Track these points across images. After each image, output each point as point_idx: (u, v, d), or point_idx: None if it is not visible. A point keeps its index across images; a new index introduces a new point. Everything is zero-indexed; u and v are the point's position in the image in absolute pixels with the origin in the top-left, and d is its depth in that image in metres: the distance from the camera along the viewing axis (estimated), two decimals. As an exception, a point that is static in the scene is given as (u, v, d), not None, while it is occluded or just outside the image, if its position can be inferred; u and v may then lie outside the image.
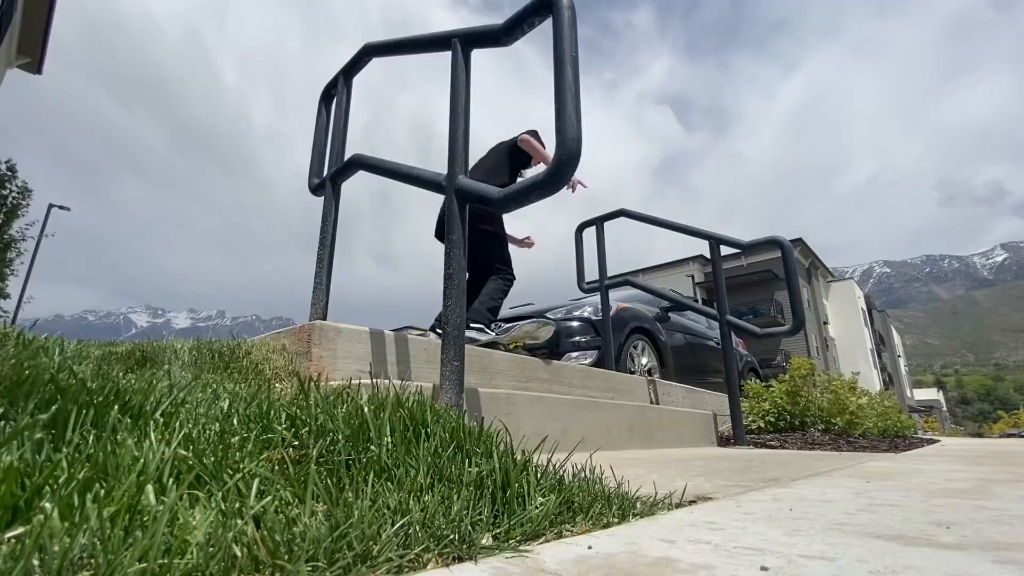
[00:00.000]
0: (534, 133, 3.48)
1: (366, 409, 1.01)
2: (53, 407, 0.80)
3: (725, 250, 4.02)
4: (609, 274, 4.24)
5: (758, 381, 5.23)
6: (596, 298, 4.30)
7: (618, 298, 4.78)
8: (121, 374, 1.24)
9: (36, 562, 0.43)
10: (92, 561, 0.45)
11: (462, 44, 1.89)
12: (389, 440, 0.93)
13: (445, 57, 1.97)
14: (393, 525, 0.64)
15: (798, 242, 27.59)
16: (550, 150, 3.29)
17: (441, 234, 3.28)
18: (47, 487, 0.55)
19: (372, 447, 0.90)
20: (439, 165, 1.89)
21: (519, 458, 0.95)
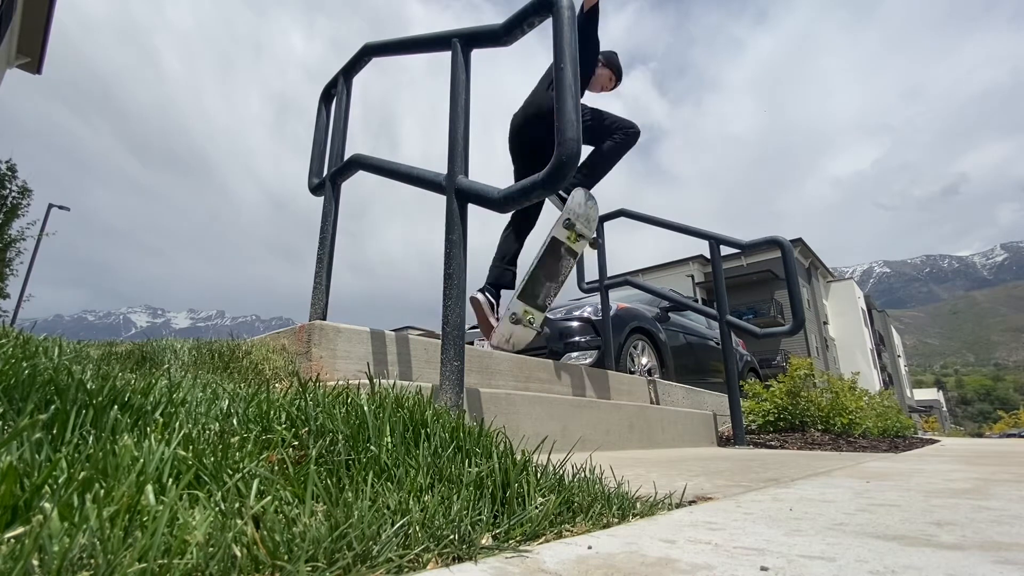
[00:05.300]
0: (609, 55, 3.21)
1: (366, 409, 1.01)
2: (52, 407, 0.80)
3: (725, 250, 4.02)
4: (609, 274, 4.24)
5: (758, 381, 5.23)
6: (596, 298, 4.30)
7: (618, 298, 4.78)
8: (121, 374, 1.24)
9: (36, 562, 0.43)
10: (92, 561, 0.44)
11: (462, 44, 1.90)
12: (389, 440, 0.93)
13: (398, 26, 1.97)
14: (393, 525, 0.64)
15: (798, 242, 27.62)
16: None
17: (516, 143, 3.08)
18: (47, 487, 0.55)
19: (372, 447, 0.90)
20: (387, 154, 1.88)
21: (519, 458, 0.95)
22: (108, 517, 0.51)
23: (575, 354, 4.10)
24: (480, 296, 2.92)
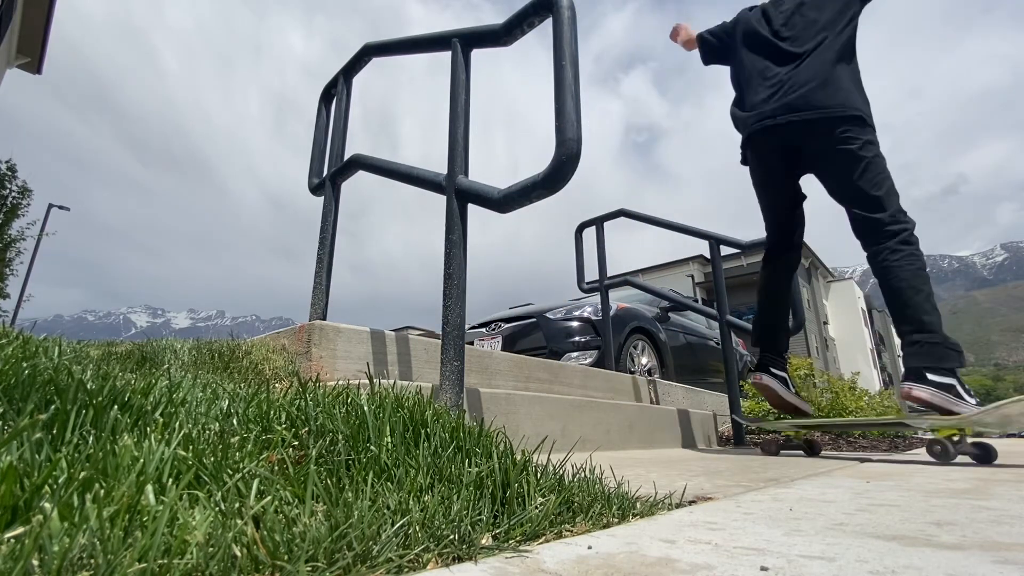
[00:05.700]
0: None
1: (366, 409, 1.01)
2: (52, 407, 0.80)
3: (725, 250, 4.02)
4: (609, 274, 4.24)
5: (758, 381, 5.22)
6: (596, 298, 4.30)
7: (618, 298, 4.78)
8: (121, 374, 1.24)
9: (36, 562, 0.43)
10: (92, 561, 0.44)
11: (462, 44, 1.90)
12: (389, 440, 0.93)
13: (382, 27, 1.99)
14: (393, 525, 0.64)
15: (798, 242, 27.58)
16: None
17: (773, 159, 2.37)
18: (47, 487, 0.55)
19: (372, 447, 0.90)
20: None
21: (519, 458, 0.95)
22: (108, 517, 0.51)
23: (575, 354, 4.10)
24: (768, 379, 2.45)
